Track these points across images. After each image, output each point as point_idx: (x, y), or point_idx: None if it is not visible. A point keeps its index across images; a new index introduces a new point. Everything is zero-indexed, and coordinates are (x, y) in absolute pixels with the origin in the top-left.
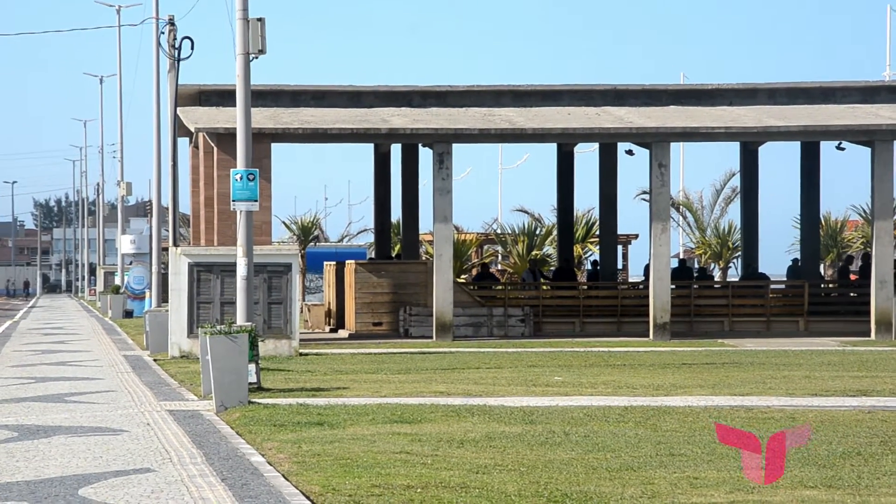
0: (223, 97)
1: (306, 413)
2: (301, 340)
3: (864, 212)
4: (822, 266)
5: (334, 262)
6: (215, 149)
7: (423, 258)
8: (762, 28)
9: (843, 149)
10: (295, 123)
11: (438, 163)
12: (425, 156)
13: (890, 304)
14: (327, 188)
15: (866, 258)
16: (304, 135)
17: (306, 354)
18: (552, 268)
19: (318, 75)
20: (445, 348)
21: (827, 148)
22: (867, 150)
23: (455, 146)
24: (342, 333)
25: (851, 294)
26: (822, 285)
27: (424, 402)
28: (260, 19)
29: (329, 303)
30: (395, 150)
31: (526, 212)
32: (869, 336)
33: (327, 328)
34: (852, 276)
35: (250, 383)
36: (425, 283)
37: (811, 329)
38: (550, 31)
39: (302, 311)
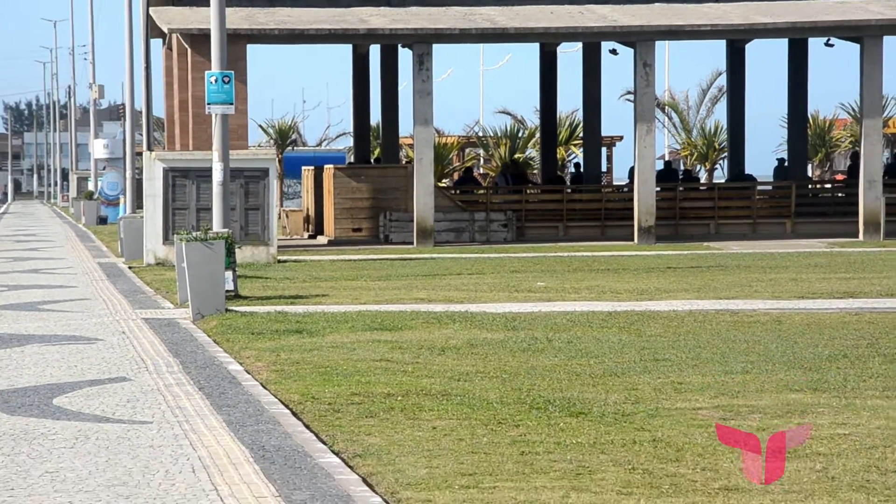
0: None
1: (285, 321)
2: (279, 247)
3: (853, 110)
4: (809, 166)
5: (312, 167)
6: (189, 50)
7: (404, 162)
8: None
9: (831, 45)
10: (271, 24)
11: (418, 64)
12: (405, 57)
13: (878, 203)
14: (305, 91)
15: (855, 157)
16: (280, 36)
17: (285, 261)
18: (535, 170)
19: None
20: (426, 254)
21: (815, 45)
22: (856, 47)
23: (436, 47)
24: (321, 240)
25: (839, 194)
26: (810, 186)
27: (405, 309)
28: None
29: (307, 208)
30: (375, 52)
31: (508, 114)
32: (857, 237)
33: (306, 234)
34: (839, 176)
35: (227, 291)
36: (406, 187)
37: (798, 231)
38: None
39: (280, 217)
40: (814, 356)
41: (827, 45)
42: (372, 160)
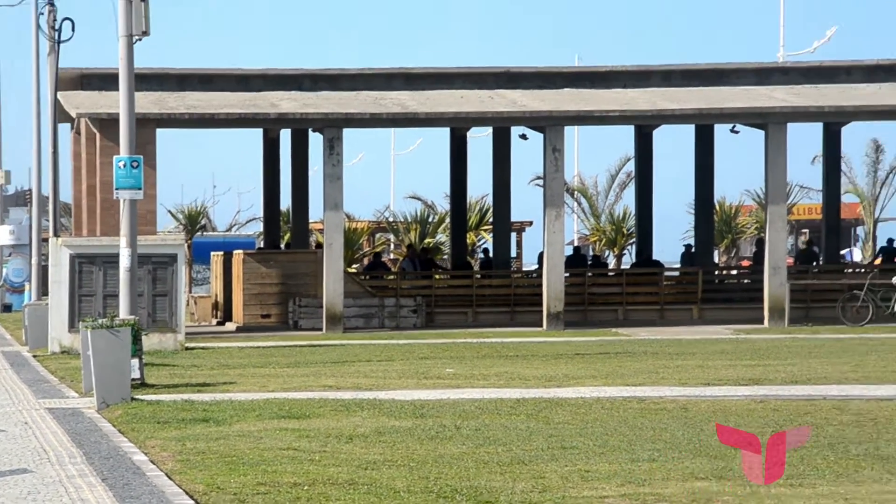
0: (106, 81)
1: (191, 409)
2: (187, 334)
3: (759, 197)
4: (716, 252)
5: (222, 253)
6: (98, 135)
7: (314, 247)
8: (656, 9)
9: (737, 132)
10: (181, 108)
11: (329, 148)
12: (316, 141)
13: (783, 290)
14: (215, 175)
15: (760, 244)
16: (190, 120)
17: (192, 348)
18: (445, 256)
19: (205, 58)
20: (336, 340)
21: (721, 131)
22: (761, 134)
23: (346, 131)
24: (230, 326)
25: (745, 280)
26: (716, 272)
27: (313, 396)
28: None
29: (216, 294)
30: (285, 136)
31: (419, 198)
32: (762, 323)
33: (214, 321)
34: (745, 262)
35: (133, 379)
36: (315, 273)
37: (705, 316)
38: (442, 13)
39: (188, 304)
40: (719, 444)
41: (732, 131)
42: (282, 245)
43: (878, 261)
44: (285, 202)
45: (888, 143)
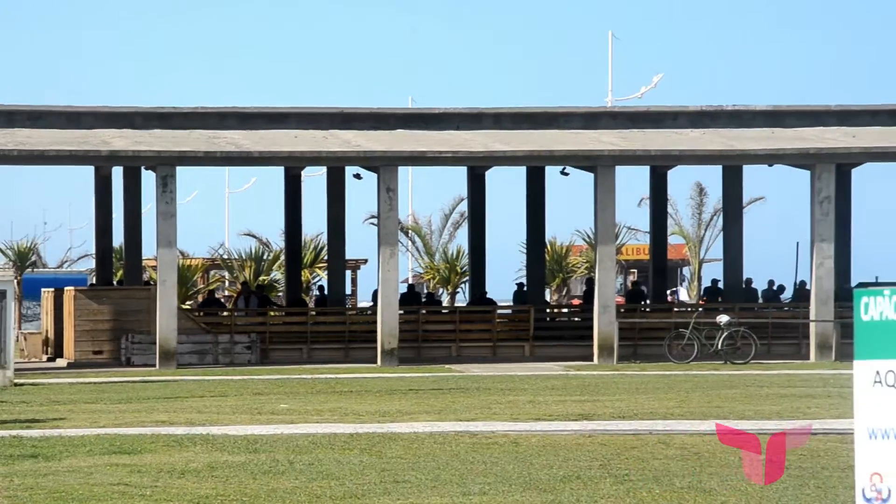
0: None
1: (20, 445)
2: (16, 370)
3: (588, 237)
4: (547, 291)
5: (53, 289)
6: None
7: (147, 283)
8: (488, 51)
9: (567, 174)
10: (10, 145)
11: (162, 186)
12: (149, 178)
13: (612, 328)
14: (46, 212)
15: (590, 283)
16: (19, 157)
17: (22, 385)
18: (280, 293)
19: (35, 95)
20: (169, 376)
21: (552, 173)
22: (591, 176)
23: (180, 169)
24: (60, 362)
25: (575, 318)
26: (548, 310)
27: (145, 431)
28: None
29: (47, 330)
30: (117, 173)
31: (253, 236)
32: (592, 360)
33: (45, 357)
34: (575, 301)
35: None
36: (148, 309)
37: (536, 353)
38: (275, 52)
39: (18, 340)
40: (549, 477)
41: (563, 173)
42: (115, 282)
43: (702, 300)
44: (118, 239)
45: (711, 186)
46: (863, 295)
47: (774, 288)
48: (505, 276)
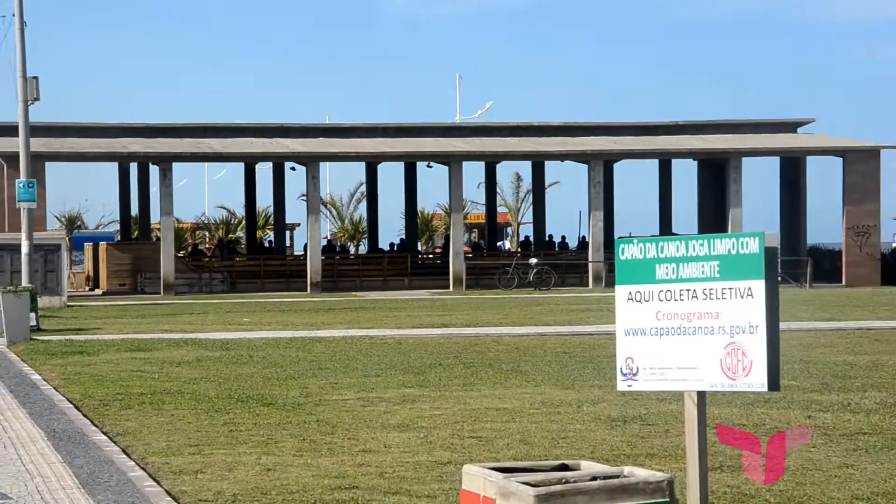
0: (8, 130)
1: (71, 346)
2: (68, 296)
3: (445, 208)
4: (419, 243)
5: (92, 243)
6: (5, 166)
7: (154, 240)
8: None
9: (431, 167)
10: (62, 148)
11: (163, 175)
12: (154, 171)
13: (462, 268)
14: (87, 192)
15: (447, 238)
16: (69, 156)
17: (72, 306)
18: (242, 246)
19: (77, 113)
20: (169, 301)
21: (421, 167)
22: (446, 168)
23: (175, 164)
24: (97, 292)
25: (438, 261)
26: (420, 255)
27: (154, 336)
28: (34, 77)
29: (88, 271)
30: (133, 167)
31: (225, 208)
32: (449, 288)
33: (87, 288)
34: (437, 250)
35: (31, 326)
36: (156, 256)
37: (413, 284)
38: (237, 82)
39: (69, 276)
40: (420, 365)
41: (428, 166)
42: (133, 238)
43: (519, 249)
44: (134, 210)
45: (525, 175)
46: (621, 243)
47: (566, 241)
48: (391, 234)
